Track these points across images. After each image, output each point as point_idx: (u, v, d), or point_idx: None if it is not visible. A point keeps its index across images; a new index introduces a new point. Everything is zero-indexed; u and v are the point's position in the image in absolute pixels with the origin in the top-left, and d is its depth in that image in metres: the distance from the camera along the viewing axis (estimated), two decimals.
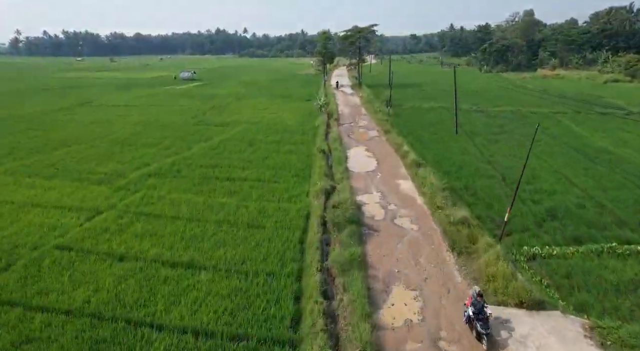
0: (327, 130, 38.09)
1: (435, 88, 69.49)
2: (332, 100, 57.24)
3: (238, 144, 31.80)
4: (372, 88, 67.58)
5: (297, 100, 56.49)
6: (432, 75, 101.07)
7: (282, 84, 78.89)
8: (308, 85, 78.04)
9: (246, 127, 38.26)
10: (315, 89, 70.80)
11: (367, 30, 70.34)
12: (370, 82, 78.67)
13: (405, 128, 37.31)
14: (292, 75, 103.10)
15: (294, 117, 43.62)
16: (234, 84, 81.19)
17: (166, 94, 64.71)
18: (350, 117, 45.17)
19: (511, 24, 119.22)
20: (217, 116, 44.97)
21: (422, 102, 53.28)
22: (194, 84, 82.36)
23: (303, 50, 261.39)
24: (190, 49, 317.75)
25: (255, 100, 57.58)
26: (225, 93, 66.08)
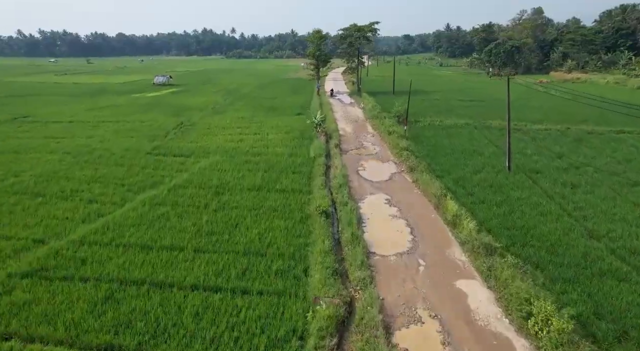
0: (326, 162, 27.88)
1: (447, 97, 59.66)
2: (329, 113, 47.02)
3: (197, 195, 21.42)
4: (374, 96, 57.60)
5: (286, 114, 46.21)
6: (435, 78, 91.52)
7: (269, 91, 68.47)
8: (299, 91, 67.80)
9: (216, 160, 27.83)
10: (307, 98, 60.59)
11: (367, 28, 60.48)
12: (370, 87, 68.69)
13: (433, 159, 27.27)
14: (280, 80, 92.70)
15: (282, 141, 33.35)
16: (213, 90, 70.55)
17: (130, 105, 53.93)
18: (355, 140, 35.03)
19: (518, 23, 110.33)
20: (182, 139, 34.48)
21: (440, 116, 43.34)
22: (167, 91, 71.56)
23: (293, 51, 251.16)
24: (176, 50, 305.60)
25: (235, 113, 47.16)
26: (200, 103, 55.50)
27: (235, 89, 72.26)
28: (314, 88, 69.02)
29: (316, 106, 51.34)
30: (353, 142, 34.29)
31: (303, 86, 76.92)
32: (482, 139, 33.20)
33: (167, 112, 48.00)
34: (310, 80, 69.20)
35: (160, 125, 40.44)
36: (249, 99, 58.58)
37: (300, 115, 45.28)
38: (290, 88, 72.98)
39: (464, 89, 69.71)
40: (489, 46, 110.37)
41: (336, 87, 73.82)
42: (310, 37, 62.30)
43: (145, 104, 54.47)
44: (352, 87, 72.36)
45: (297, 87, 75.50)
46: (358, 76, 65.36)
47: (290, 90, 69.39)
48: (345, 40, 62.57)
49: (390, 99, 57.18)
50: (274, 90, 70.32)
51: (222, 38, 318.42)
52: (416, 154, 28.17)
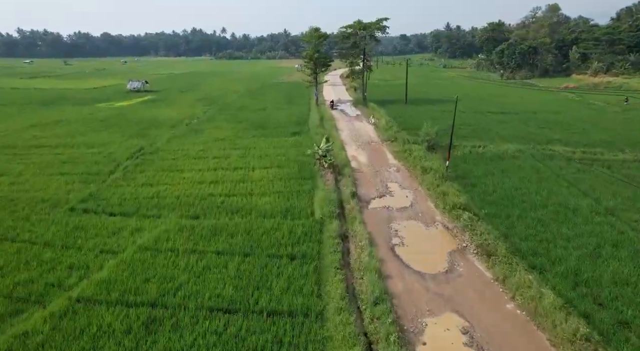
0: (341, 229, 17.96)
1: (472, 107, 49.98)
2: (333, 132, 37.12)
3: (108, 334, 11.39)
4: (383, 107, 47.93)
5: (278, 134, 36.24)
6: (445, 82, 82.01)
7: (259, 100, 58.39)
8: (294, 100, 57.84)
9: (168, 231, 17.70)
10: (304, 109, 50.67)
11: (375, 26, 50.67)
12: (375, 94, 58.97)
13: (509, 226, 17.42)
14: (272, 84, 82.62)
15: (272, 183, 23.43)
16: (193, 99, 60.32)
17: (85, 120, 43.55)
18: (375, 177, 25.14)
19: (531, 21, 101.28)
20: (132, 180, 24.35)
21: (479, 138, 33.64)
22: (140, 99, 61.19)
23: (286, 52, 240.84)
24: (164, 51, 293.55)
25: (214, 132, 37.13)
26: (174, 117, 45.33)
27: (219, 97, 62.05)
28: (312, 96, 59.15)
29: (316, 121, 41.45)
30: (373, 182, 24.41)
31: (298, 93, 66.97)
32: (556, 179, 23.47)
33: (128, 131, 37.80)
34: (308, 87, 59.19)
35: (111, 153, 30.22)
36: (234, 111, 48.48)
37: (297, 136, 35.34)
38: (284, 95, 62.99)
39: (486, 97, 60.20)
40: (500, 46, 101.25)
41: (337, 95, 63.99)
42: (307, 37, 52.38)
43: (105, 119, 44.12)
44: (355, 95, 62.50)
45: (291, 94, 65.51)
46: (364, 82, 55.52)
47: (283, 99, 59.42)
48: (349, 39, 52.74)
49: (403, 110, 47.61)
50: (265, 98, 60.27)
51: (212, 38, 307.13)
52: (479, 215, 18.32)
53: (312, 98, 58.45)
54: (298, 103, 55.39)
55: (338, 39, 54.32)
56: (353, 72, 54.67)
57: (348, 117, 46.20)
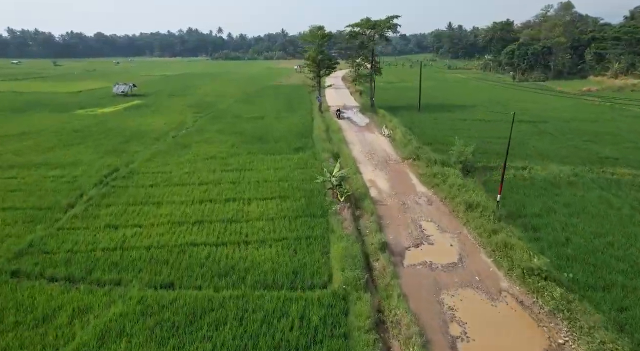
0: (376, 311, 12.60)
1: (496, 116, 44.77)
2: (343, 147, 31.76)
3: None
4: (394, 114, 42.83)
5: (279, 149, 30.85)
6: (455, 85, 76.81)
7: (256, 106, 53.00)
8: (295, 106, 52.51)
9: (122, 313, 12.29)
10: (307, 116, 45.41)
11: (385, 24, 45.43)
12: (382, 99, 53.80)
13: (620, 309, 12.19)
14: (271, 87, 77.20)
15: (275, 223, 18.17)
16: (184, 104, 54.87)
17: (55, 131, 38.00)
18: (403, 214, 19.78)
19: (543, 20, 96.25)
20: (95, 218, 18.94)
21: (518, 155, 28.36)
22: (125, 104, 55.66)
23: (284, 52, 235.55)
24: (159, 51, 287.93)
25: (203, 147, 31.75)
26: (159, 127, 39.91)
27: (212, 102, 56.61)
28: (314, 101, 53.83)
29: (321, 133, 36.11)
30: (402, 221, 19.07)
31: (299, 97, 61.63)
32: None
33: (104, 146, 32.36)
34: (310, 92, 53.79)
35: (76, 177, 24.78)
36: (229, 120, 43.08)
37: (301, 152, 30.00)
38: (284, 101, 57.61)
39: (505, 102, 55.00)
40: (509, 47, 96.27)
41: (341, 99, 58.73)
42: (309, 36, 46.96)
43: (80, 129, 38.63)
44: (362, 100, 57.26)
45: (291, 98, 60.15)
46: (372, 87, 50.14)
47: (283, 105, 54.06)
48: (355, 39, 47.43)
49: (418, 119, 42.42)
50: (263, 104, 54.88)
51: (208, 38, 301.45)
52: (572, 289, 12.99)
53: (315, 103, 53.15)
54: (299, 109, 50.03)
55: (344, 39, 48.92)
56: (360, 75, 49.31)
57: (357, 126, 40.90)
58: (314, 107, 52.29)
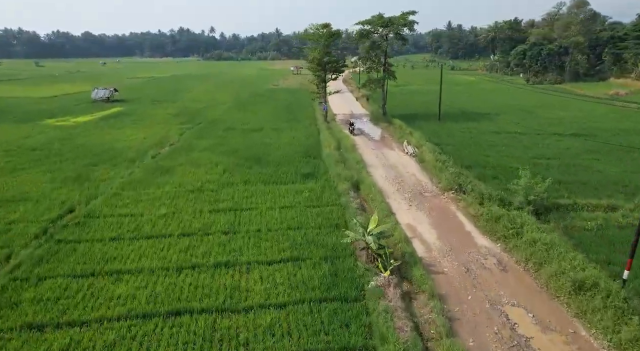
0: None
1: (527, 124, 38.83)
2: (363, 172, 25.40)
3: None
4: (412, 125, 37.04)
5: (283, 177, 24.58)
6: (468, 89, 70.89)
7: (252, 115, 46.63)
8: (296, 114, 46.24)
9: None
10: (310, 127, 39.25)
11: (401, 21, 39.29)
12: (393, 106, 47.78)
13: None
14: (267, 92, 70.77)
15: (288, 321, 11.91)
16: (169, 113, 48.34)
17: (7, 148, 31.32)
18: (478, 296, 13.50)
19: (555, 18, 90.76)
20: (9, 313, 12.50)
21: (584, 182, 22.36)
22: (103, 113, 49.01)
23: (278, 52, 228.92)
24: (150, 51, 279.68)
25: (189, 172, 25.43)
26: (138, 143, 33.43)
27: (202, 110, 50.12)
28: (318, 108, 47.62)
29: (332, 151, 29.85)
30: (477, 307, 12.87)
31: (300, 103, 55.38)
32: None
33: (63, 171, 25.88)
34: (314, 99, 47.43)
35: (10, 225, 18.30)
36: (220, 133, 36.69)
37: (312, 180, 23.82)
38: (283, 108, 51.26)
39: (531, 108, 49.09)
40: (520, 47, 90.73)
41: (347, 105, 52.53)
42: (313, 35, 40.65)
43: (40, 147, 31.99)
44: (370, 106, 51.10)
45: (291, 105, 53.83)
46: (384, 93, 43.95)
47: (283, 113, 47.74)
48: (366, 38, 41.26)
49: (441, 131, 36.76)
50: (259, 112, 48.52)
51: (200, 38, 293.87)
52: None
53: (318, 110, 46.97)
54: (302, 119, 43.76)
55: (352, 39, 42.68)
56: (371, 80, 43.07)
57: (373, 142, 34.69)
58: (318, 115, 46.08)
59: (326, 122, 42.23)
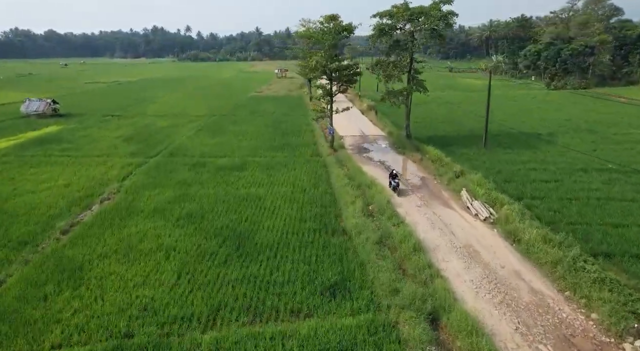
0: None
1: (611, 155, 28.21)
2: (438, 283, 13.91)
3: None
4: (454, 156, 26.54)
5: (289, 297, 13.07)
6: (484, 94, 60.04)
7: (230, 139, 34.73)
8: (289, 138, 34.63)
9: None
10: (313, 163, 27.76)
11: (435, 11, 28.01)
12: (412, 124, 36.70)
13: None
14: (249, 101, 58.77)
15: None
16: (119, 136, 35.91)
17: None
18: None
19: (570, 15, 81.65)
20: None
21: None
22: (30, 135, 36.46)
23: (259, 52, 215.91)
24: (121, 51, 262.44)
25: (104, 288, 13.58)
26: (49, 202, 21.20)
27: (163, 132, 37.90)
28: (317, 128, 36.22)
29: (362, 221, 18.37)
30: None
31: (291, 118, 43.91)
32: None
33: None
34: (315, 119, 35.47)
35: None
36: (183, 174, 24.83)
37: (342, 309, 12.35)
38: (271, 127, 39.56)
39: (591, 125, 38.48)
40: (532, 46, 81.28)
41: (353, 121, 41.10)
42: (318, 33, 28.83)
43: None
44: (383, 123, 39.85)
45: (281, 121, 42.21)
46: (408, 110, 32.60)
47: (272, 134, 36.08)
48: (387, 37, 29.97)
49: (496, 165, 25.67)
50: (240, 133, 36.68)
51: (175, 37, 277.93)
52: None
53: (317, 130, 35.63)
54: (299, 145, 32.25)
55: (368, 38, 31.09)
56: (391, 93, 31.70)
57: (414, 194, 23.18)
58: (319, 137, 34.67)
59: (332, 150, 30.81)
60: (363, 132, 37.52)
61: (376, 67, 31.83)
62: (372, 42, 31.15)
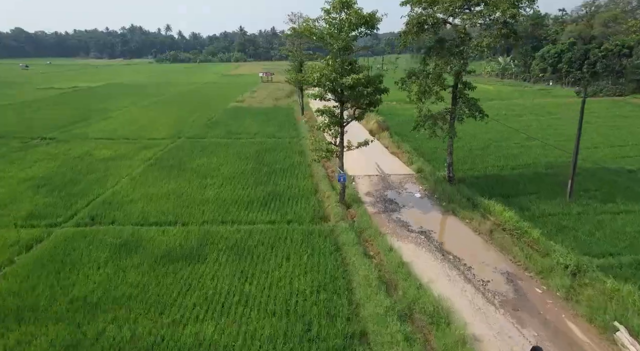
0: None
1: None
2: None
3: None
4: (532, 220, 15.67)
5: None
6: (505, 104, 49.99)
7: (187, 187, 23.69)
8: (278, 182, 23.81)
9: None
10: (317, 230, 16.95)
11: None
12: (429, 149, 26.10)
13: None
14: (226, 116, 47.57)
15: None
16: (23, 180, 24.39)
17: None
18: None
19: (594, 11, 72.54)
20: None
21: None
22: None
23: (243, 53, 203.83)
24: (96, 51, 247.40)
25: None
26: None
27: (97, 168, 26.45)
28: (318, 167, 25.47)
29: None
30: None
31: (280, 145, 33.06)
32: None
33: None
34: (317, 160, 23.83)
35: None
36: (93, 279, 13.86)
37: None
38: (252, 159, 28.66)
39: None
40: (550, 47, 71.98)
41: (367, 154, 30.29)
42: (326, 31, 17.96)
43: None
44: (409, 155, 29.08)
45: (264, 150, 31.35)
46: (452, 141, 22.03)
47: (251, 174, 25.23)
48: (427, 33, 19.57)
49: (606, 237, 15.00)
50: (207, 172, 25.71)
51: (155, 37, 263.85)
52: None
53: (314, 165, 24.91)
54: (290, 197, 21.51)
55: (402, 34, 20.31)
56: (434, 116, 21.05)
57: (491, 293, 12.75)
58: (319, 181, 23.97)
59: (344, 205, 20.19)
60: (380, 167, 26.91)
61: (408, 80, 21.30)
62: (403, 42, 20.63)
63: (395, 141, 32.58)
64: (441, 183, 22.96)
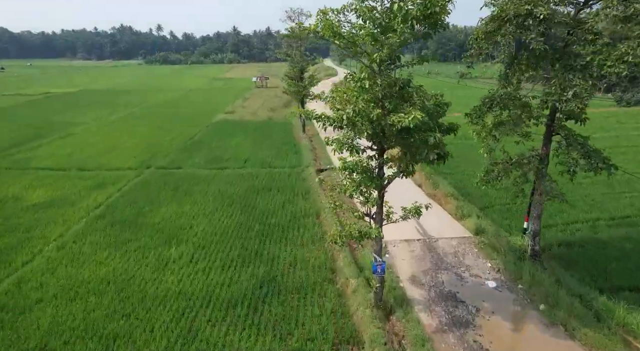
0: None
1: None
2: None
3: None
4: None
5: None
6: None
7: (149, 253, 15.73)
8: (284, 255, 15.85)
9: None
10: None
11: None
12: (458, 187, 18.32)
13: None
14: (210, 134, 39.44)
15: None
16: None
17: None
18: None
19: None
20: None
21: None
22: None
23: (236, 54, 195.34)
24: (84, 52, 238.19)
25: None
26: None
27: (13, 239, 18.43)
28: (328, 222, 17.39)
29: None
30: None
31: (277, 181, 25.09)
32: None
33: None
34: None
35: None
36: None
37: None
38: (238, 207, 20.71)
39: None
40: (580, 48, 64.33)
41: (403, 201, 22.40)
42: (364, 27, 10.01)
43: None
44: (452, 203, 21.17)
45: (255, 191, 23.42)
46: (541, 197, 14.35)
47: (236, 235, 17.29)
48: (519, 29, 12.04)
49: None
50: (175, 230, 17.73)
51: (146, 37, 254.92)
52: None
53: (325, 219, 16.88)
54: (295, 288, 13.62)
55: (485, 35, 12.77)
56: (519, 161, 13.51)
57: None
58: (335, 251, 16.06)
59: (381, 311, 12.32)
60: (421, 225, 18.90)
61: (488, 109, 13.50)
62: (485, 45, 12.92)
63: (428, 176, 24.70)
64: (521, 261, 15.15)
